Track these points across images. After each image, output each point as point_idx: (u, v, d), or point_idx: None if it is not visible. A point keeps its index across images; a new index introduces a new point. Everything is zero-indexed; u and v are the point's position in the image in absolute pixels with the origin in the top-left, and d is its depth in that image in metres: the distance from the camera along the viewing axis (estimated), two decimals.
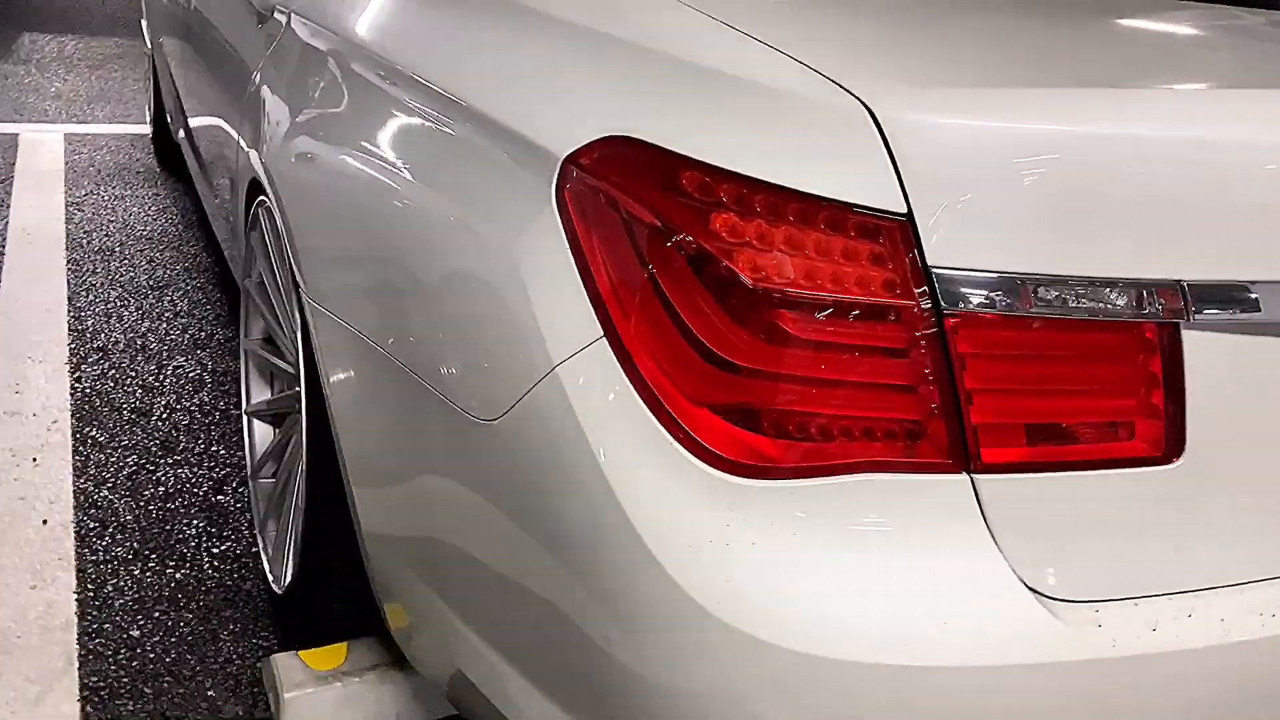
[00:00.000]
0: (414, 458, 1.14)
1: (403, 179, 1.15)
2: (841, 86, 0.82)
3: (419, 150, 1.15)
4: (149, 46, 4.12)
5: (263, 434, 1.90)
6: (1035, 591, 0.88)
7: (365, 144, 1.25)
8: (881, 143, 0.80)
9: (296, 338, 1.46)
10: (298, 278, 1.35)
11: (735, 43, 0.91)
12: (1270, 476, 0.97)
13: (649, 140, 0.87)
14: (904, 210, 0.80)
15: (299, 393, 1.62)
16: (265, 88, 1.64)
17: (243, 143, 1.77)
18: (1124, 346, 0.87)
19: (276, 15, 1.69)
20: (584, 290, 0.89)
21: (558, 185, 0.92)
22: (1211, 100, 0.97)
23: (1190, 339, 0.88)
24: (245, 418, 1.91)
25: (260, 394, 1.91)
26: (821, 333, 0.83)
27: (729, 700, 0.84)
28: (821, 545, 0.84)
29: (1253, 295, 0.89)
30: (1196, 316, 0.87)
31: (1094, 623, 0.88)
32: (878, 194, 0.80)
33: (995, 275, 0.82)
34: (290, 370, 1.69)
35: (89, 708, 1.50)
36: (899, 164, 0.80)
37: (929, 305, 0.82)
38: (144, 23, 4.27)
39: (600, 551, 0.88)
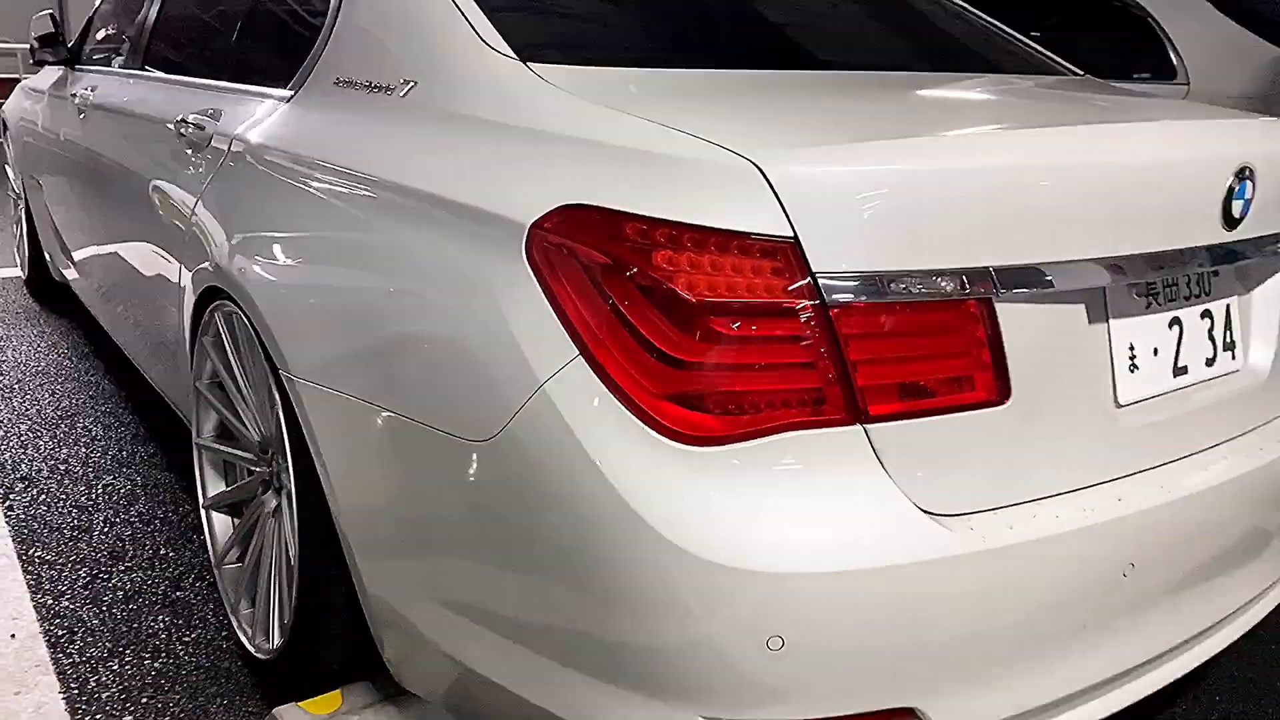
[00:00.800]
0: (412, 488, 1.36)
1: (379, 259, 1.40)
2: (737, 153, 1.13)
3: (390, 234, 1.39)
4: (17, 192, 4.18)
5: (222, 524, 2.04)
6: (922, 509, 1.17)
7: (338, 238, 1.49)
8: (770, 189, 1.10)
9: (272, 414, 1.66)
10: (276, 359, 1.55)
11: (652, 128, 1.21)
12: (1074, 409, 1.30)
13: (598, 204, 1.15)
14: (791, 234, 1.11)
15: (267, 472, 1.80)
16: (212, 206, 1.85)
17: (187, 259, 1.95)
18: (956, 320, 1.19)
19: (215, 144, 1.91)
20: (558, 322, 1.16)
21: (527, 245, 1.19)
22: (999, 139, 1.32)
23: (1003, 310, 1.21)
24: (204, 511, 2.05)
25: (216, 486, 2.05)
26: (742, 330, 1.12)
27: (692, 606, 1.09)
28: (756, 488, 1.11)
29: (1043, 274, 1.24)
30: (1004, 293, 1.21)
31: (968, 527, 1.18)
32: (772, 225, 1.10)
33: (861, 274, 1.13)
34: (250, 457, 1.87)
35: None
36: (784, 203, 1.10)
37: (817, 302, 1.12)
38: (10, 169, 4.33)
39: (597, 522, 1.13)
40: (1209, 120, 1.46)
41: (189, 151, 2.02)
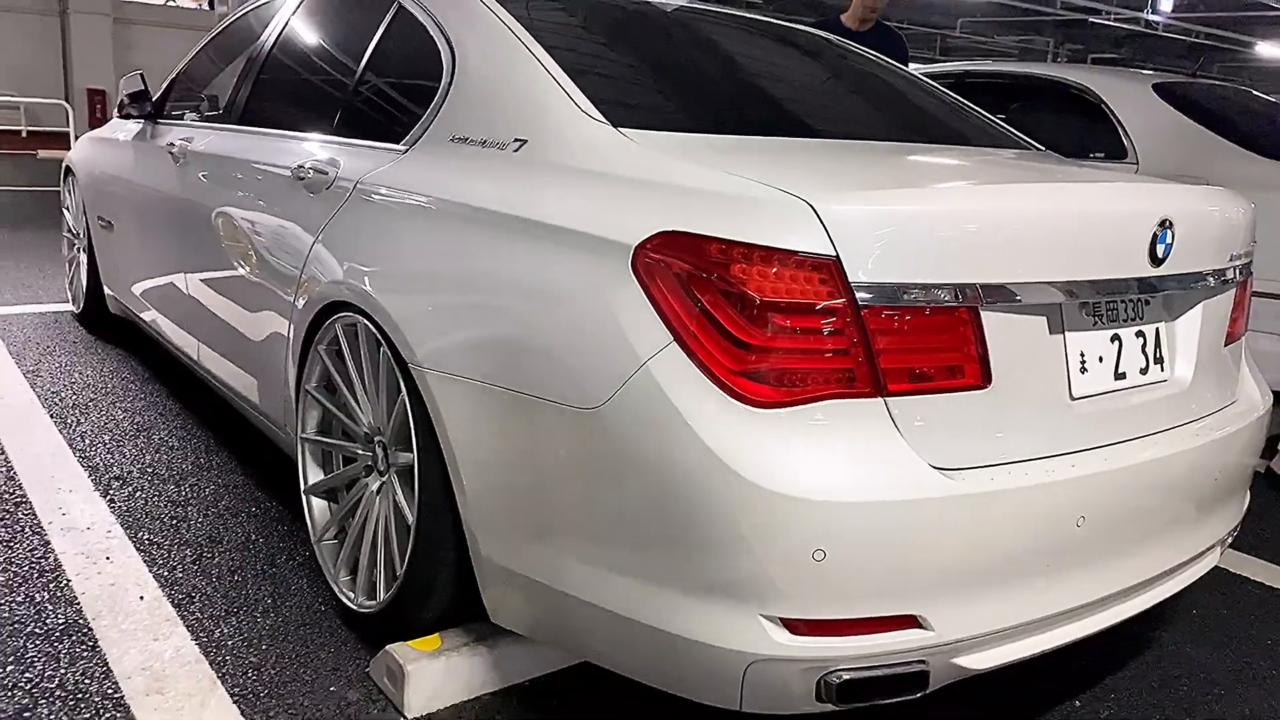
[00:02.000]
0: (529, 452, 1.73)
1: (494, 272, 1.79)
2: (793, 195, 1.54)
3: (502, 251, 1.79)
4: (78, 235, 4.54)
5: (320, 507, 2.40)
6: (930, 464, 1.57)
7: (460, 256, 1.88)
8: (819, 221, 1.52)
9: (390, 405, 2.03)
10: (405, 353, 1.93)
11: (728, 175, 1.63)
12: (1040, 397, 1.71)
13: (689, 230, 1.56)
14: (834, 254, 1.52)
15: (371, 458, 2.17)
16: (335, 237, 2.24)
17: (302, 282, 2.34)
18: (952, 322, 1.60)
19: (337, 187, 2.31)
20: (657, 317, 1.56)
21: (633, 260, 1.59)
22: (984, 190, 1.75)
23: (986, 317, 1.63)
24: (305, 496, 2.40)
25: (316, 475, 2.41)
26: (795, 323, 1.52)
27: (758, 526, 1.47)
28: (805, 439, 1.51)
29: (1014, 292, 1.65)
30: (988, 303, 1.62)
31: (962, 478, 1.58)
32: (820, 246, 1.51)
33: (884, 285, 1.54)
34: (355, 446, 2.23)
35: (243, 706, 1.93)
36: (829, 230, 1.52)
37: (851, 304, 1.53)
38: (69, 212, 4.70)
39: (685, 465, 1.51)
40: (1141, 183, 1.91)
41: (308, 193, 2.41)
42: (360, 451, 2.23)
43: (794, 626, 1.53)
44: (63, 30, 16.94)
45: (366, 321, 2.08)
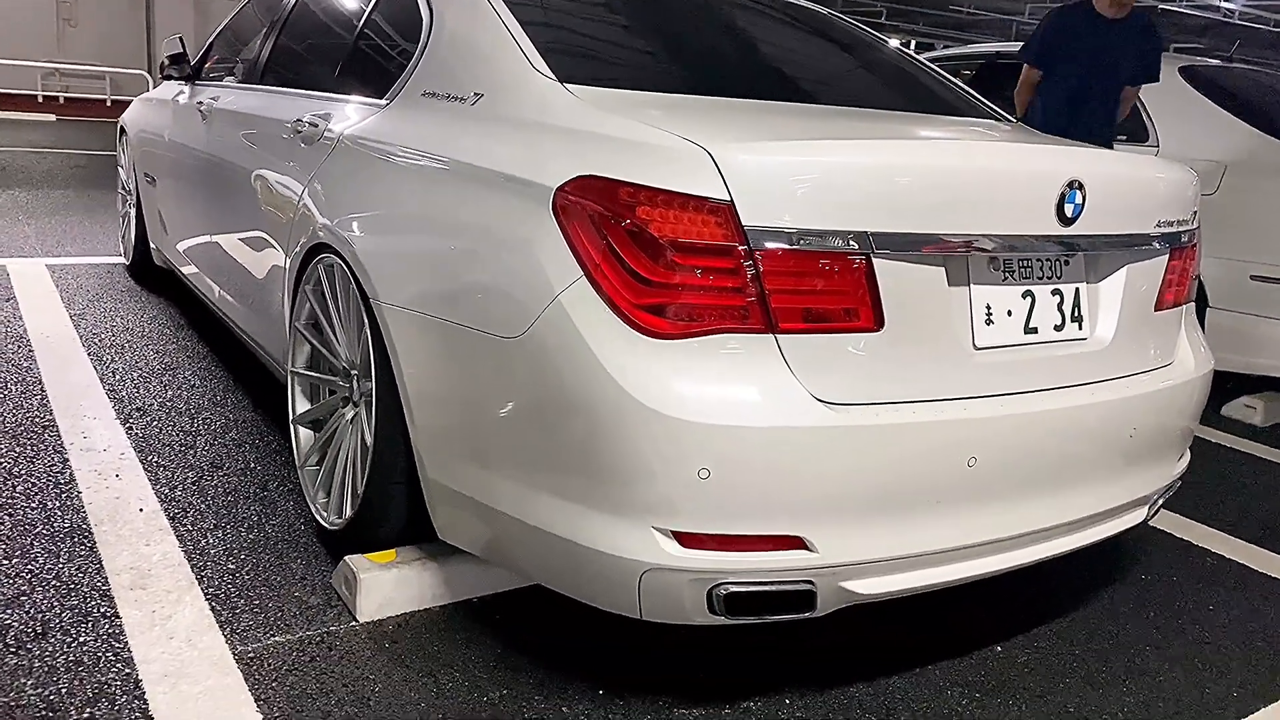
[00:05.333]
0: (462, 377, 1.90)
1: (447, 212, 1.96)
2: (695, 143, 1.67)
3: (456, 194, 1.95)
4: (130, 192, 4.84)
5: (306, 436, 2.60)
6: (815, 397, 1.69)
7: (418, 200, 2.06)
8: (715, 168, 1.65)
9: (359, 338, 2.22)
10: (367, 290, 2.11)
11: (641, 126, 1.77)
12: (936, 344, 1.82)
13: (602, 174, 1.70)
14: (728, 199, 1.65)
15: (348, 389, 2.36)
16: (321, 183, 2.44)
17: (295, 226, 2.53)
18: (844, 267, 1.71)
19: (325, 138, 2.50)
20: (570, 253, 1.70)
21: (553, 201, 1.74)
22: (880, 144, 1.85)
23: (880, 264, 1.74)
24: (292, 425, 2.61)
25: (303, 405, 2.61)
26: (693, 262, 1.66)
27: (650, 446, 1.62)
28: (699, 369, 1.64)
29: (908, 241, 1.76)
30: (879, 251, 1.73)
31: (846, 412, 1.70)
32: (716, 191, 1.64)
33: (777, 230, 1.66)
34: (335, 380, 2.42)
35: (214, 603, 2.14)
36: (725, 178, 1.65)
37: (746, 245, 1.66)
38: (123, 170, 5.01)
39: (591, 389, 1.66)
40: (1053, 145, 1.99)
41: (303, 145, 2.61)
42: (340, 384, 2.42)
43: (683, 539, 1.68)
44: (147, 2, 17.62)
45: (341, 261, 2.26)
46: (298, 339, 2.58)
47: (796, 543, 1.71)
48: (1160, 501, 2.29)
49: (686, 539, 1.68)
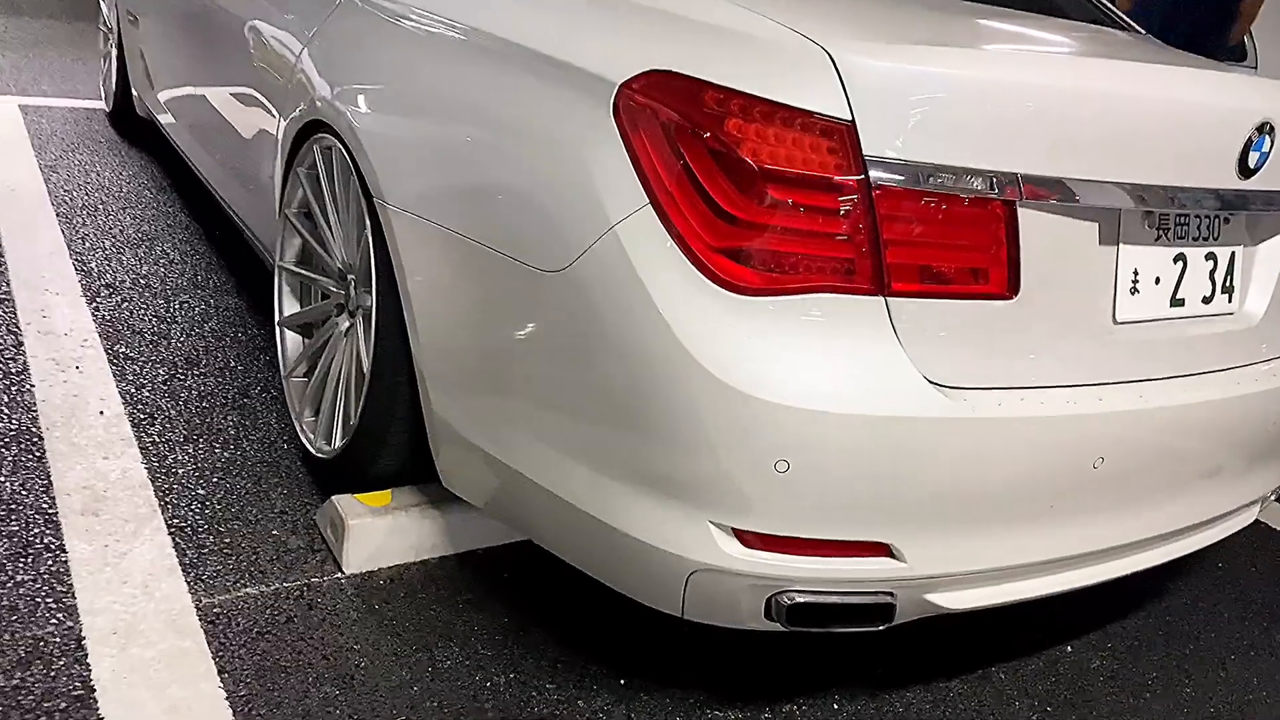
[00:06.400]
0: (486, 312, 1.55)
1: (479, 104, 1.57)
2: (811, 39, 1.28)
3: (490, 81, 1.56)
4: (111, 30, 4.35)
5: (293, 342, 2.26)
6: (927, 379, 1.35)
7: (442, 82, 1.66)
8: (836, 74, 1.26)
9: (359, 241, 1.85)
10: (372, 188, 1.74)
11: (742, 11, 1.36)
12: (1075, 316, 1.47)
13: (684, 72, 1.31)
14: (850, 118, 1.27)
15: (343, 296, 2.00)
16: (321, 47, 2.02)
17: (289, 95, 2.13)
18: (981, 216, 1.35)
19: None
20: (634, 174, 1.33)
21: (614, 102, 1.35)
22: (1044, 61, 1.46)
23: (1024, 215, 1.38)
24: (278, 329, 2.26)
25: (291, 307, 2.26)
26: (794, 198, 1.29)
27: (717, 428, 1.28)
28: (784, 336, 1.29)
29: (1066, 189, 1.39)
30: (1028, 200, 1.36)
31: (964, 399, 1.36)
32: (835, 107, 1.26)
33: (905, 163, 1.29)
34: (328, 282, 2.07)
35: (178, 539, 1.84)
36: (846, 88, 1.26)
37: (864, 182, 1.29)
38: (107, 5, 4.49)
39: (646, 349, 1.31)
40: (1241, 77, 1.59)
41: None
42: (333, 288, 2.06)
43: (745, 539, 1.36)
44: None
45: (341, 146, 1.88)
46: (288, 229, 2.21)
47: (881, 550, 1.40)
48: (1274, 497, 1.98)
49: (750, 538, 1.36)
